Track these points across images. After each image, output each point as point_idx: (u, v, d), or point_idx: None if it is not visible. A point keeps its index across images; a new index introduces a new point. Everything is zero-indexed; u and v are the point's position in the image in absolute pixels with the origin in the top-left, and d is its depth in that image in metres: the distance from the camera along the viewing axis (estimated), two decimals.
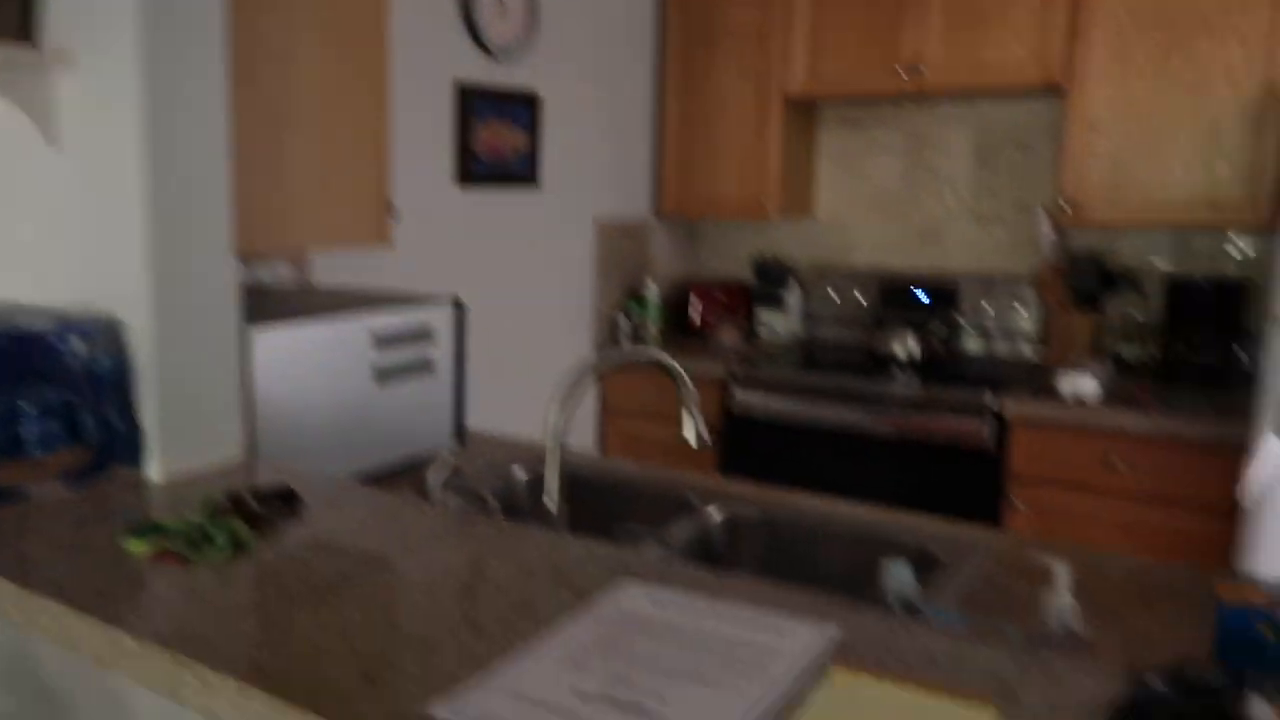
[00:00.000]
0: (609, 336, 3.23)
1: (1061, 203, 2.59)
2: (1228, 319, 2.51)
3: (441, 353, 1.83)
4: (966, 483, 2.55)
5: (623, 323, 3.20)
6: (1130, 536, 2.36)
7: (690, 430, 1.37)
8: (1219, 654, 0.86)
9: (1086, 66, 2.56)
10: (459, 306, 1.85)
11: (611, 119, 3.13)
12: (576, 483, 1.78)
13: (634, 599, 1.02)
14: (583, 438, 3.16)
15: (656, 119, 3.30)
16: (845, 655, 0.90)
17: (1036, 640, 0.94)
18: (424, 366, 1.80)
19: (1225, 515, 2.22)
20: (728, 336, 3.09)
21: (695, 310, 3.36)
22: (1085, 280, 2.67)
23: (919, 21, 2.78)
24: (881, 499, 2.66)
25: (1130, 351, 2.71)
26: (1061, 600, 0.95)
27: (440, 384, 1.84)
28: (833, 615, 0.97)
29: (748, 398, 2.86)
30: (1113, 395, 2.42)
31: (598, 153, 3.09)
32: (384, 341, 1.71)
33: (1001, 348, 2.96)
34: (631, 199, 3.28)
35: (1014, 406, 2.45)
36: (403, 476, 1.68)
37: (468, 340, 1.89)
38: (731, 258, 3.49)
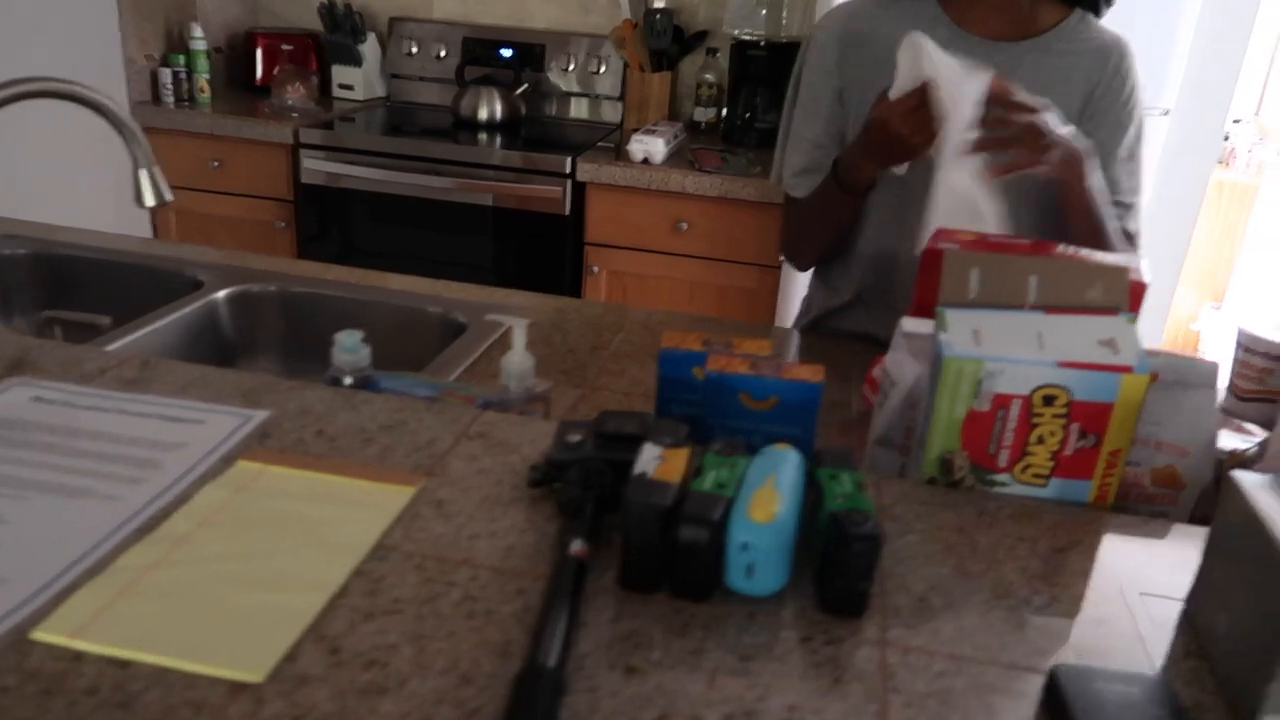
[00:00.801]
0: (151, 95, 2.72)
1: None
2: (783, 82, 2.61)
3: None
4: (548, 249, 2.52)
5: (166, 78, 2.70)
6: (696, 295, 2.48)
7: (147, 191, 1.13)
8: (659, 399, 0.85)
9: None
10: None
11: None
12: (44, 264, 1.47)
13: (11, 403, 0.81)
14: (136, 224, 2.71)
15: None
16: (269, 441, 0.77)
17: (496, 403, 0.88)
18: None
19: (774, 270, 2.39)
20: (294, 96, 2.72)
21: (261, 66, 2.92)
22: (661, 39, 2.63)
23: None
24: (469, 268, 2.58)
25: (704, 114, 2.76)
26: (517, 360, 0.89)
27: None
28: (274, 397, 0.84)
29: (321, 166, 2.57)
30: (679, 158, 2.46)
31: None
32: None
33: (585, 110, 2.90)
34: None
35: (589, 171, 2.41)
36: None
37: None
38: (299, 3, 3.04)
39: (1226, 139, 3.58)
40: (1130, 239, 1.23)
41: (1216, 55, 2.18)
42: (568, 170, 2.42)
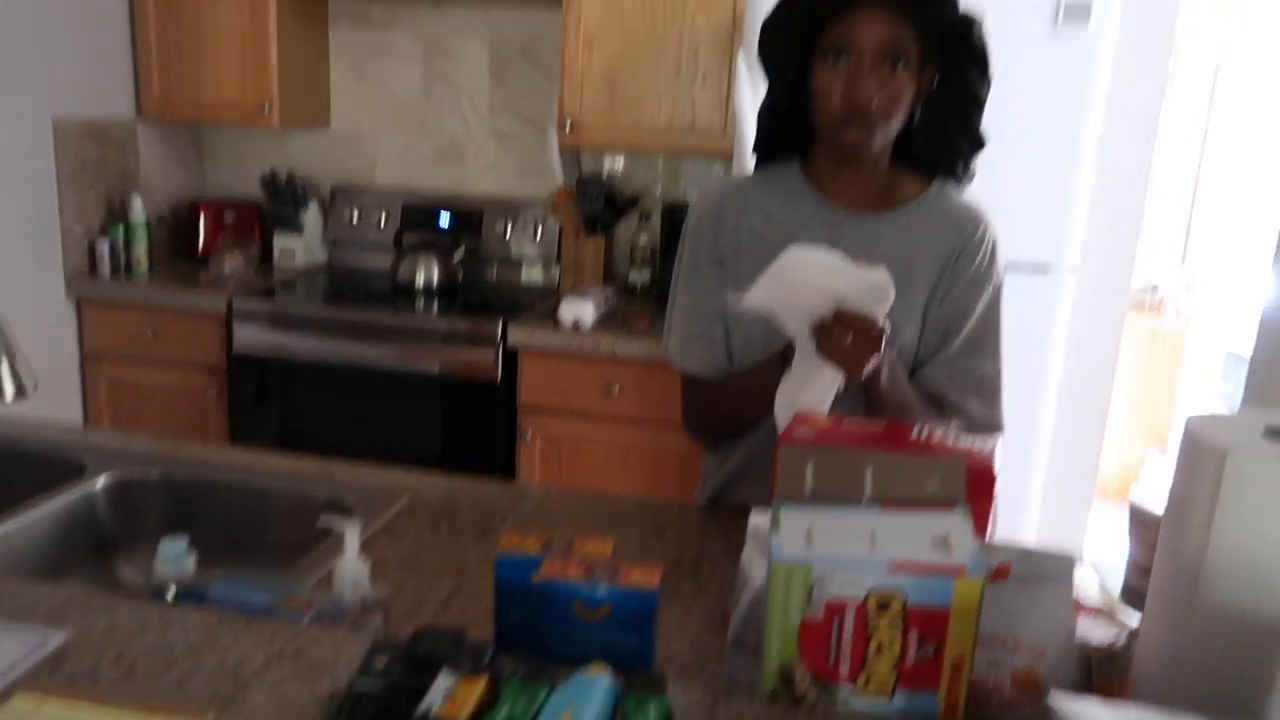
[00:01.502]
0: (88, 267, 2.74)
1: (567, 120, 2.57)
2: None
3: None
4: (483, 414, 2.50)
5: (104, 249, 2.73)
6: (631, 460, 2.44)
7: (6, 382, 1.09)
8: (497, 608, 0.80)
9: None
10: None
11: None
12: None
13: None
14: (63, 395, 2.68)
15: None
16: (62, 667, 0.72)
17: (327, 613, 0.83)
18: None
19: None
20: (231, 264, 2.75)
21: (204, 235, 2.97)
22: (594, 205, 2.70)
23: None
24: (404, 433, 2.54)
25: (638, 276, 2.81)
26: (350, 567, 0.85)
27: None
28: (81, 615, 0.79)
29: (253, 335, 2.57)
30: (610, 321, 2.48)
31: (57, 39, 2.55)
32: None
33: (521, 274, 2.94)
34: (107, 98, 2.77)
35: (521, 336, 2.42)
36: None
37: None
38: (245, 174, 3.11)
39: (1156, 289, 3.69)
40: (984, 401, 1.21)
41: (1115, 214, 2.25)
42: (499, 336, 2.43)
